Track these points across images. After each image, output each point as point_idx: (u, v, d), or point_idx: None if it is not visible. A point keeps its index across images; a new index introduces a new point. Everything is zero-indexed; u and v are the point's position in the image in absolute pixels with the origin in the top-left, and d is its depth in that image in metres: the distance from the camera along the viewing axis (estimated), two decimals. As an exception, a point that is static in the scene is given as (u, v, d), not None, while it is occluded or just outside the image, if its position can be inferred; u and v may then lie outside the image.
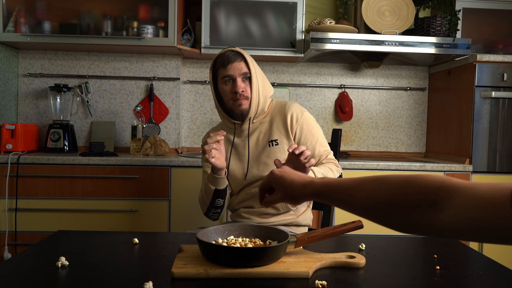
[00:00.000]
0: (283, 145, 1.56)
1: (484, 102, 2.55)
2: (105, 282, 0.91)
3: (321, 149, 1.57)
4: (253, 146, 1.59)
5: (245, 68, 1.52)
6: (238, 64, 1.51)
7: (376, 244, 1.23)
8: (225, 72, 1.52)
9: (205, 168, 1.64)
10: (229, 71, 1.51)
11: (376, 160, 2.56)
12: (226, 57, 1.52)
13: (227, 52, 1.53)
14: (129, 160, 2.36)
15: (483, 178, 2.52)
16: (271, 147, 1.56)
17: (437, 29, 2.64)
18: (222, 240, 1.07)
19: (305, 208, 1.64)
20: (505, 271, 1.03)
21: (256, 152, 1.58)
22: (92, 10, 2.70)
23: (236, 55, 1.53)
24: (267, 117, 1.61)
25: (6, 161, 2.31)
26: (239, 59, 1.52)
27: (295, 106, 1.61)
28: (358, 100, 3.10)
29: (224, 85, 1.54)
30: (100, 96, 2.90)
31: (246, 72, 1.52)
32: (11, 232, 2.34)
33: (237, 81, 1.51)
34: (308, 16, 3.01)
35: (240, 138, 1.61)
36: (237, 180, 1.60)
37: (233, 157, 1.60)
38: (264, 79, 1.60)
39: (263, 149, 1.57)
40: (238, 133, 1.61)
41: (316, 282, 0.88)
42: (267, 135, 1.58)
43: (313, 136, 1.57)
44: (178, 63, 2.91)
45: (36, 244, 1.17)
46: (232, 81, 1.53)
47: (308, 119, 1.59)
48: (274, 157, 1.55)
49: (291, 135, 1.57)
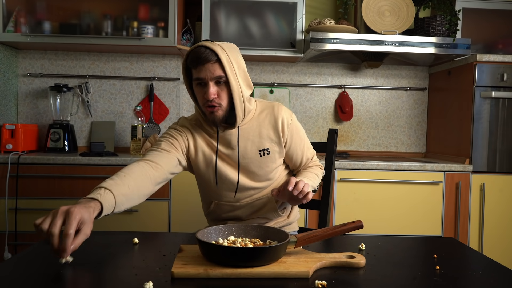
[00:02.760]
0: (275, 153, 1.46)
1: (484, 102, 2.55)
2: (105, 282, 0.91)
3: (308, 153, 1.55)
4: (242, 155, 1.43)
5: (218, 71, 1.29)
6: (211, 66, 1.28)
7: (376, 244, 1.23)
8: (196, 74, 1.31)
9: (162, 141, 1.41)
10: (201, 73, 1.29)
11: (376, 160, 2.56)
12: (197, 57, 1.28)
13: (200, 49, 1.28)
14: (129, 160, 2.36)
15: (483, 178, 2.52)
16: (262, 156, 1.44)
17: (437, 29, 2.64)
18: (222, 240, 1.07)
19: (291, 207, 1.61)
20: (505, 271, 1.03)
21: (245, 162, 1.44)
22: (92, 10, 2.70)
23: (210, 54, 1.28)
24: (253, 121, 1.44)
25: (6, 161, 2.31)
26: (212, 60, 1.28)
27: (284, 110, 1.47)
28: (358, 100, 3.10)
29: (196, 87, 1.34)
30: (100, 96, 2.90)
31: (220, 76, 1.30)
32: (11, 232, 2.34)
33: (209, 86, 1.30)
34: (308, 16, 3.01)
35: (225, 147, 1.43)
36: (227, 188, 1.47)
37: (222, 165, 1.44)
38: (245, 76, 1.38)
39: (253, 158, 1.44)
40: (222, 140, 1.43)
41: (316, 282, 0.88)
42: (256, 143, 1.43)
43: (301, 140, 1.52)
44: (178, 63, 2.91)
45: (36, 244, 1.17)
46: (204, 85, 1.32)
47: (296, 123, 1.51)
48: (265, 167, 1.45)
49: (282, 142, 1.46)
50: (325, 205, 1.79)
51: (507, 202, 2.54)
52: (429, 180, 2.48)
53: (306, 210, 2.46)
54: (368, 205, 2.47)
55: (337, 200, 2.47)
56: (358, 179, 2.46)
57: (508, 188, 2.54)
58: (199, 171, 1.47)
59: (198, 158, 1.44)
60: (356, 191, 2.47)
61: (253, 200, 1.49)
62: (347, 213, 2.47)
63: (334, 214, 2.47)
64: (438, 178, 2.48)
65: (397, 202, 2.48)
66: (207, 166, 1.45)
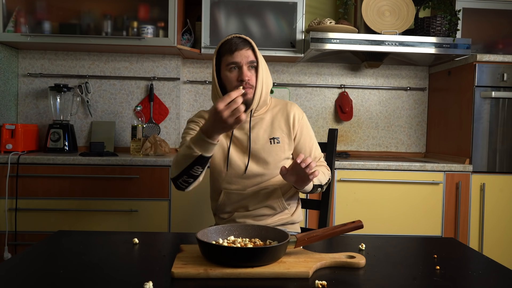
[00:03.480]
0: (284, 144, 1.56)
1: (484, 102, 2.55)
2: (105, 282, 0.91)
3: (316, 152, 1.63)
4: (253, 141, 1.55)
5: (252, 57, 1.48)
6: (246, 52, 1.47)
7: (376, 244, 1.23)
8: (232, 59, 1.47)
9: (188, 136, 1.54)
10: (236, 58, 1.46)
11: (376, 160, 2.56)
12: (234, 43, 1.47)
13: (234, 39, 1.48)
14: (129, 160, 2.36)
15: (483, 178, 2.52)
16: (272, 144, 1.55)
17: (437, 29, 2.64)
18: (222, 240, 1.07)
19: (296, 205, 1.67)
20: (505, 271, 1.03)
21: (255, 148, 1.55)
22: (92, 10, 2.70)
23: (244, 42, 1.48)
24: (267, 113, 1.59)
25: (6, 161, 2.31)
26: (247, 47, 1.48)
27: (297, 107, 1.62)
28: (358, 100, 3.10)
29: (228, 72, 1.49)
30: (100, 96, 2.90)
31: (253, 60, 1.49)
32: (11, 232, 2.34)
33: (243, 69, 1.47)
34: (308, 16, 3.01)
35: (239, 131, 1.56)
36: (236, 173, 1.55)
37: (233, 149, 1.56)
38: (267, 69, 1.57)
39: (263, 145, 1.55)
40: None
41: (316, 282, 0.88)
42: (267, 131, 1.56)
43: (310, 139, 1.62)
44: (178, 63, 2.91)
45: (36, 244, 1.17)
46: (238, 69, 1.48)
47: (307, 121, 1.64)
48: (274, 155, 1.54)
49: (292, 135, 1.57)
50: (325, 205, 1.79)
51: (507, 202, 2.54)
52: (429, 180, 2.48)
53: (306, 210, 2.46)
54: (368, 205, 2.47)
55: (337, 200, 2.47)
56: (358, 179, 2.46)
57: (508, 188, 2.54)
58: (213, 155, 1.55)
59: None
60: (356, 191, 2.47)
61: (260, 188, 1.56)
62: (347, 213, 2.47)
63: (334, 214, 2.47)
64: (438, 178, 2.48)
65: (397, 202, 2.48)
66: (220, 149, 1.55)
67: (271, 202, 1.57)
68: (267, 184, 1.56)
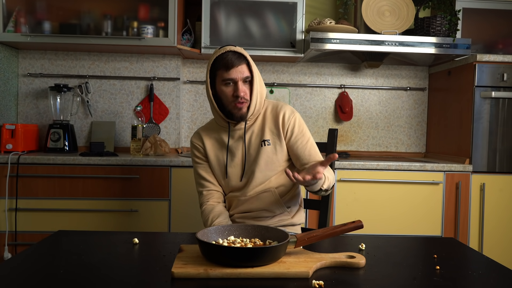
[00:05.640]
0: (275, 145, 1.56)
1: (484, 102, 2.55)
2: (105, 282, 0.91)
3: (316, 156, 1.56)
4: (247, 148, 1.58)
5: (247, 72, 1.50)
6: (241, 68, 1.48)
7: (376, 244, 1.23)
8: (228, 76, 1.48)
9: (199, 170, 1.63)
10: (232, 74, 1.47)
11: (376, 160, 2.56)
12: (230, 60, 1.47)
13: (229, 55, 1.48)
14: (129, 160, 2.36)
15: (483, 178, 2.52)
16: (263, 147, 1.56)
17: (437, 29, 2.64)
18: (222, 240, 1.07)
19: (297, 207, 1.67)
20: (505, 271, 1.03)
21: (249, 152, 1.58)
22: (92, 10, 2.70)
23: (239, 58, 1.49)
24: (259, 117, 1.60)
25: (6, 161, 2.31)
26: (242, 63, 1.49)
27: (287, 107, 1.60)
28: (358, 100, 3.10)
29: (224, 86, 1.50)
30: (100, 96, 2.90)
31: (248, 76, 1.50)
32: (11, 232, 2.34)
33: (238, 85, 1.48)
34: (308, 16, 3.01)
35: (233, 139, 1.59)
36: (234, 182, 1.59)
37: (230, 160, 1.59)
38: (261, 79, 1.58)
39: (256, 148, 1.57)
40: (232, 134, 1.59)
41: (313, 282, 0.88)
42: (259, 135, 1.57)
43: (304, 136, 1.58)
44: (178, 63, 2.91)
45: (36, 244, 1.17)
46: (234, 84, 1.49)
47: (299, 120, 1.59)
48: (265, 156, 1.55)
49: (282, 135, 1.56)
50: (325, 205, 1.79)
51: (507, 202, 2.54)
52: (429, 180, 2.48)
53: (306, 210, 2.46)
54: (368, 205, 2.47)
55: (337, 200, 2.47)
56: (358, 179, 2.46)
57: (508, 188, 2.54)
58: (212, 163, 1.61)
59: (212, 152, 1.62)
60: (356, 191, 2.47)
61: (257, 193, 1.57)
62: (347, 213, 2.47)
63: (334, 214, 2.47)
64: (438, 178, 2.48)
65: (397, 202, 2.48)
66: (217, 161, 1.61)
67: (270, 204, 1.58)
68: (264, 187, 1.57)
